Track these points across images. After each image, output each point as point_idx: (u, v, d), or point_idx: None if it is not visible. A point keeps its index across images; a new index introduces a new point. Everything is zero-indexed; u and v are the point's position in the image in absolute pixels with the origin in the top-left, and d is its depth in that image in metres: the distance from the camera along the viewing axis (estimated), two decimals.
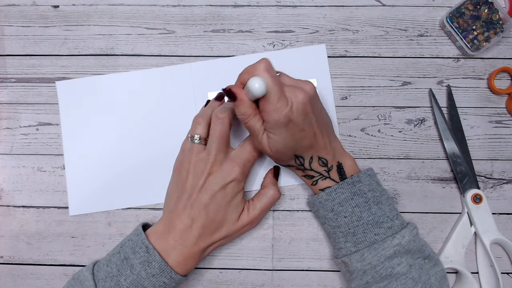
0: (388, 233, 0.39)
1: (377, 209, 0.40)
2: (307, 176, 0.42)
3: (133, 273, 0.38)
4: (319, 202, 0.41)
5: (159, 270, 0.38)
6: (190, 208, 0.40)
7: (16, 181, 0.47)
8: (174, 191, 0.42)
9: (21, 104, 0.49)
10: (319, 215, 0.43)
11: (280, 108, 0.36)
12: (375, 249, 0.38)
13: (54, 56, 0.49)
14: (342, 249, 0.41)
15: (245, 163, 0.41)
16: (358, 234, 0.39)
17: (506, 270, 0.46)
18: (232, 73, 0.48)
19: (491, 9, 0.47)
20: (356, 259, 0.39)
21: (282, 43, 0.49)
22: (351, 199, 0.40)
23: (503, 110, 0.48)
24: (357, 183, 0.40)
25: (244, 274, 0.46)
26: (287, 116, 0.36)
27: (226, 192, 0.40)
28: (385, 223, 0.39)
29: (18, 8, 0.50)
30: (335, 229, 0.41)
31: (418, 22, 0.49)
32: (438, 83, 0.48)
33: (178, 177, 0.42)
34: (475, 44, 0.47)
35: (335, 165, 0.41)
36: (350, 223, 0.39)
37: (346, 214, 0.40)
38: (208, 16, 0.50)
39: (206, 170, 0.40)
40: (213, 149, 0.40)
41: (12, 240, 0.47)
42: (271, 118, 0.36)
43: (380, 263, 0.38)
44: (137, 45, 0.49)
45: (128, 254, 0.39)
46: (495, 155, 0.47)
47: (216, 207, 0.40)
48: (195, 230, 0.40)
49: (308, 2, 0.50)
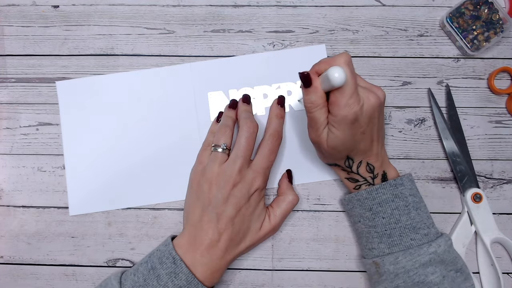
0: (424, 240, 0.38)
1: (415, 214, 0.39)
2: (351, 179, 0.42)
3: (159, 283, 0.38)
4: (358, 200, 0.41)
5: (186, 282, 0.38)
6: (217, 222, 0.39)
7: (16, 181, 0.47)
8: (196, 203, 0.42)
9: (21, 104, 0.49)
10: (353, 213, 0.43)
11: (351, 105, 0.36)
12: (411, 254, 0.38)
13: (54, 56, 0.49)
14: (374, 249, 0.40)
15: (265, 171, 0.41)
16: (394, 237, 0.39)
17: (506, 270, 0.46)
18: (232, 73, 0.48)
19: (491, 9, 0.47)
20: (389, 262, 0.39)
21: (282, 43, 0.49)
22: (391, 200, 0.39)
23: (503, 110, 0.48)
24: (399, 186, 0.40)
25: (244, 274, 0.46)
26: (355, 114, 0.36)
27: (250, 203, 0.40)
28: (422, 230, 0.39)
29: (18, 8, 0.50)
30: (370, 229, 0.41)
31: (418, 22, 0.49)
32: (438, 83, 0.48)
33: (198, 188, 0.42)
34: (475, 44, 0.47)
35: (381, 173, 0.41)
36: (387, 225, 0.39)
37: (384, 215, 0.39)
38: (208, 16, 0.50)
39: (231, 181, 0.40)
40: (239, 158, 0.40)
41: (12, 240, 0.47)
42: (340, 112, 0.36)
43: (414, 268, 0.37)
44: (137, 45, 0.49)
45: (155, 264, 0.39)
46: (495, 155, 0.47)
47: (241, 219, 0.40)
48: (222, 243, 0.39)
49: (308, 2, 0.50)
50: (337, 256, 0.46)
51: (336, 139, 0.38)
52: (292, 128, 0.47)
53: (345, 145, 0.38)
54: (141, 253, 0.46)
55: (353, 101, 0.36)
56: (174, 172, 0.47)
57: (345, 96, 0.35)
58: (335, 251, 0.46)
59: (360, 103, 0.36)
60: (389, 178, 0.41)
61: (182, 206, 0.47)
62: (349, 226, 0.46)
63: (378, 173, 0.41)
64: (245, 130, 0.41)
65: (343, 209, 0.47)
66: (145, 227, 0.47)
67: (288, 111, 0.48)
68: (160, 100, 0.48)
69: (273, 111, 0.45)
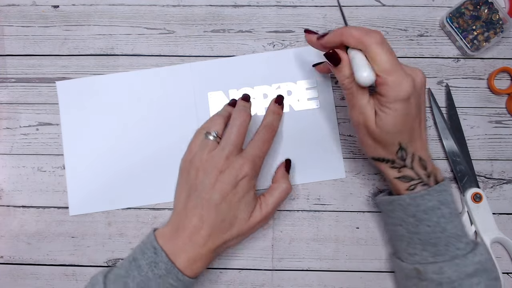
0: (467, 249, 0.37)
1: (458, 222, 0.38)
2: (405, 177, 0.38)
3: (140, 274, 0.37)
4: (399, 205, 0.39)
5: (166, 271, 0.37)
6: (201, 208, 0.39)
7: (16, 181, 0.47)
8: (183, 190, 0.41)
9: (21, 104, 0.49)
10: (394, 215, 0.40)
11: (402, 82, 0.34)
12: (457, 264, 0.36)
13: (54, 56, 0.49)
14: (416, 255, 0.39)
15: (254, 159, 0.40)
16: (440, 246, 0.37)
17: (506, 270, 0.46)
18: (232, 73, 0.48)
19: (491, 9, 0.47)
20: (433, 271, 0.37)
21: (282, 43, 0.49)
22: (437, 208, 0.37)
23: (503, 110, 0.48)
24: (444, 192, 0.37)
25: (244, 274, 0.46)
26: (408, 92, 0.35)
27: (237, 190, 0.39)
28: (464, 238, 0.38)
29: (18, 8, 0.50)
30: (412, 235, 0.39)
31: (418, 22, 0.49)
32: (438, 83, 0.48)
33: (187, 176, 0.41)
34: (475, 44, 0.47)
35: (433, 173, 0.38)
36: (432, 233, 0.37)
37: (430, 223, 0.37)
38: (208, 16, 0.50)
39: (218, 167, 0.39)
40: (228, 145, 0.39)
41: (12, 240, 0.47)
42: (391, 93, 0.34)
43: (460, 279, 0.36)
44: (137, 45, 0.49)
45: (137, 255, 0.38)
46: (495, 155, 0.47)
47: (227, 206, 0.39)
48: (205, 230, 0.38)
49: (308, 2, 0.50)
50: (337, 256, 0.46)
51: (387, 120, 0.35)
52: (292, 128, 0.47)
53: (398, 127, 0.36)
54: None
55: (403, 78, 0.34)
56: (174, 172, 0.47)
57: (393, 75, 0.34)
58: (335, 251, 0.46)
59: (410, 79, 0.35)
60: (439, 180, 0.38)
61: None
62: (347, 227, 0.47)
63: (431, 172, 0.38)
64: (237, 118, 0.40)
65: (378, 208, 0.45)
66: (145, 227, 0.47)
67: (288, 111, 0.48)
68: (160, 100, 0.48)
69: (270, 108, 0.45)
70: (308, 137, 0.47)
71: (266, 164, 0.47)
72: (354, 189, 0.47)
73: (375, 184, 0.47)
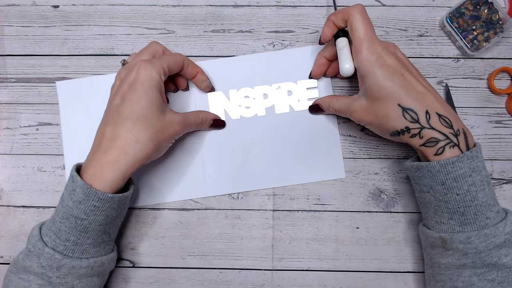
0: (497, 218, 0.36)
1: (489, 190, 0.36)
2: (429, 142, 0.36)
3: (63, 205, 0.37)
4: (428, 171, 0.36)
5: (84, 195, 0.36)
6: (106, 116, 0.39)
7: (16, 181, 0.47)
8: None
9: (21, 104, 0.49)
10: (422, 182, 0.38)
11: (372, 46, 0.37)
12: (486, 235, 0.35)
13: (54, 56, 0.49)
14: (442, 223, 0.37)
15: (154, 61, 0.40)
16: (468, 215, 0.35)
17: None
18: (232, 73, 0.48)
19: (491, 9, 0.47)
20: (459, 240, 0.36)
21: (282, 43, 0.49)
22: (469, 175, 0.35)
23: (503, 110, 0.48)
24: (475, 158, 0.35)
25: (244, 274, 0.46)
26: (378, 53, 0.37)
27: (136, 87, 0.38)
28: (495, 206, 0.36)
29: (18, 8, 0.50)
30: (440, 203, 0.37)
31: (418, 22, 0.49)
32: (438, 83, 0.48)
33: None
34: (475, 44, 0.47)
35: (462, 131, 0.36)
36: (462, 202, 0.35)
37: (459, 191, 0.35)
38: (208, 16, 0.50)
39: (118, 76, 0.40)
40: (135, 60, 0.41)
41: (12, 240, 0.47)
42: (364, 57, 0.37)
43: (488, 250, 0.35)
44: (137, 45, 0.49)
45: (63, 192, 0.38)
46: (495, 155, 0.47)
47: (128, 105, 0.38)
48: (107, 134, 0.38)
49: (308, 2, 0.50)
50: (337, 256, 0.46)
51: (372, 87, 0.37)
52: (292, 128, 0.47)
53: (386, 90, 0.36)
54: (141, 253, 0.46)
55: (373, 43, 0.37)
56: (173, 172, 0.47)
57: (364, 41, 0.38)
58: (335, 251, 0.46)
59: (382, 44, 0.38)
60: (470, 145, 0.36)
61: (182, 206, 0.47)
62: (347, 227, 0.47)
63: (458, 129, 0.36)
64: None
65: (406, 173, 0.44)
66: (145, 227, 0.47)
67: (288, 111, 0.48)
68: None
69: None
70: (308, 137, 0.47)
71: (266, 164, 0.47)
72: (354, 189, 0.47)
73: (375, 184, 0.47)
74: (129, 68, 0.39)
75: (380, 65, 0.37)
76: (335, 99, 0.43)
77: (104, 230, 0.38)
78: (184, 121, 0.41)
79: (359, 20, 0.38)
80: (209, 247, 0.46)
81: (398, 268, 0.46)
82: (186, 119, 0.42)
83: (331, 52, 0.44)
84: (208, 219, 0.47)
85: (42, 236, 0.37)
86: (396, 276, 0.46)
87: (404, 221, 0.46)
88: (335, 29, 0.41)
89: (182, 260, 0.46)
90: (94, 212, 0.36)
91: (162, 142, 0.40)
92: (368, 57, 0.37)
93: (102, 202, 0.36)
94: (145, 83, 0.38)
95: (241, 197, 0.47)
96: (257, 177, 0.47)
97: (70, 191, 0.37)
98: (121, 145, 0.37)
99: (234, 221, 0.47)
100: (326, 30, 0.41)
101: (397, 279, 0.46)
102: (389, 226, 0.46)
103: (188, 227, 0.47)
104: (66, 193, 0.37)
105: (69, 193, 0.37)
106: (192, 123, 0.43)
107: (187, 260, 0.46)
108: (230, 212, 0.47)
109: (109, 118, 0.39)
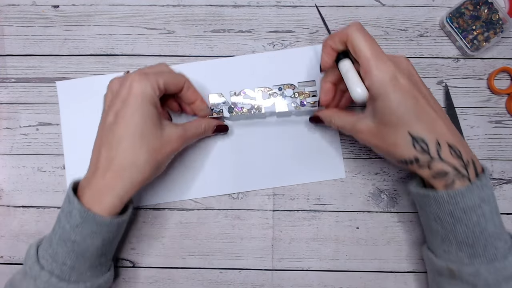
0: (505, 247, 0.34)
1: (497, 219, 0.34)
2: (439, 174, 0.34)
3: (60, 227, 0.36)
4: (435, 201, 0.35)
5: (81, 218, 0.34)
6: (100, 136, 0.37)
7: (16, 181, 0.47)
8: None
9: (21, 104, 0.49)
10: (428, 210, 0.36)
11: (383, 65, 0.34)
12: (495, 267, 0.33)
13: (54, 56, 0.49)
14: (451, 253, 0.36)
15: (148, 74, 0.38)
16: (477, 247, 0.34)
17: None
18: (232, 73, 0.48)
19: (491, 9, 0.47)
20: (469, 273, 0.34)
21: (282, 43, 0.49)
22: (478, 206, 0.33)
23: (503, 110, 0.48)
24: (485, 187, 0.33)
25: (244, 274, 0.46)
26: (392, 72, 0.33)
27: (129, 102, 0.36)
28: (503, 235, 0.34)
29: (18, 8, 0.50)
30: (448, 233, 0.35)
31: (418, 22, 0.49)
32: (438, 83, 0.48)
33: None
34: (475, 44, 0.47)
35: (471, 161, 0.34)
36: (471, 233, 0.34)
37: (468, 223, 0.33)
38: (208, 16, 0.50)
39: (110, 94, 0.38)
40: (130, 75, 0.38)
41: (12, 240, 0.47)
42: (375, 77, 0.34)
43: (497, 282, 0.33)
44: (137, 45, 0.49)
45: (59, 212, 0.37)
46: (494, 155, 0.47)
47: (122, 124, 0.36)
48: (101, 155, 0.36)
49: (308, 2, 0.50)
50: (337, 256, 0.46)
51: (383, 110, 0.34)
52: (292, 128, 0.47)
53: (397, 115, 0.33)
54: (141, 253, 0.46)
55: (384, 61, 0.34)
56: (173, 172, 0.47)
57: (373, 59, 0.34)
58: (335, 251, 0.46)
59: (391, 61, 0.34)
60: (478, 170, 0.34)
61: (182, 206, 0.47)
62: (347, 227, 0.47)
63: (468, 160, 0.34)
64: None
65: (412, 198, 0.42)
66: (145, 227, 0.47)
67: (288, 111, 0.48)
68: None
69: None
70: (308, 137, 0.47)
71: (266, 164, 0.47)
72: (354, 189, 0.47)
73: (375, 184, 0.47)
74: (122, 81, 0.38)
75: (393, 86, 0.34)
76: (337, 115, 0.41)
77: (101, 253, 0.38)
78: (183, 134, 0.40)
79: (360, 38, 0.35)
80: (209, 247, 0.46)
81: (398, 268, 0.46)
82: (186, 132, 0.40)
83: (335, 76, 0.41)
84: (208, 219, 0.47)
85: (39, 258, 0.37)
86: (396, 276, 0.46)
87: (404, 221, 0.46)
88: (334, 54, 0.39)
89: (182, 260, 0.46)
90: (91, 236, 0.35)
91: (161, 160, 0.38)
92: (379, 78, 0.34)
93: (100, 226, 0.35)
94: (138, 98, 0.36)
95: (241, 197, 0.47)
96: (257, 177, 0.47)
97: (67, 213, 0.36)
98: (117, 169, 0.36)
99: (234, 221, 0.47)
100: (325, 56, 0.39)
101: (397, 279, 0.46)
102: (389, 226, 0.46)
103: (188, 227, 0.47)
104: (63, 214, 0.36)
105: (66, 215, 0.36)
106: (193, 136, 0.42)
107: (187, 260, 0.46)
108: (230, 212, 0.47)
109: (104, 138, 0.37)
